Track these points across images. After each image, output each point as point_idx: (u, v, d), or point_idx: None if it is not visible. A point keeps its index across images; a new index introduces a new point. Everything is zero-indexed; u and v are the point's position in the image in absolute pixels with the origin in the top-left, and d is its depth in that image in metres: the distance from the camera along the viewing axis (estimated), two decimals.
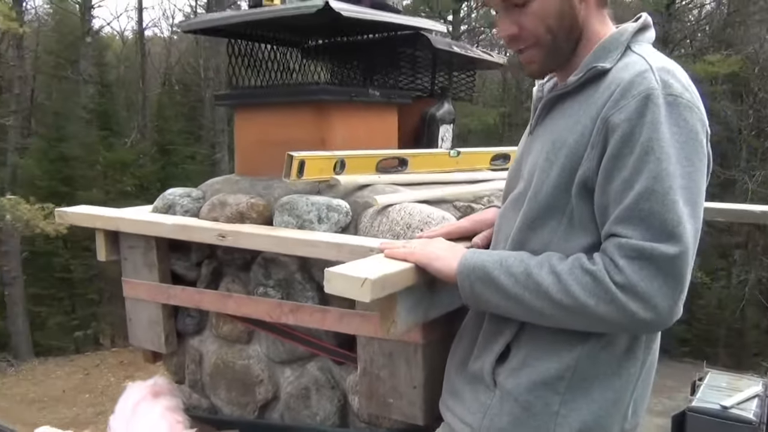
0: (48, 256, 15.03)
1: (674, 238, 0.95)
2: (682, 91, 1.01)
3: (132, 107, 21.88)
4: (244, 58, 2.02)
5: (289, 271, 1.77)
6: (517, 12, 1.12)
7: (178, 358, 2.08)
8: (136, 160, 18.19)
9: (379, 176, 1.84)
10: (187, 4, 23.40)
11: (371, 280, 1.14)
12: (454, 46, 2.17)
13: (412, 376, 1.52)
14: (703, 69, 17.09)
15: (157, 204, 2.02)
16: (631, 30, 1.11)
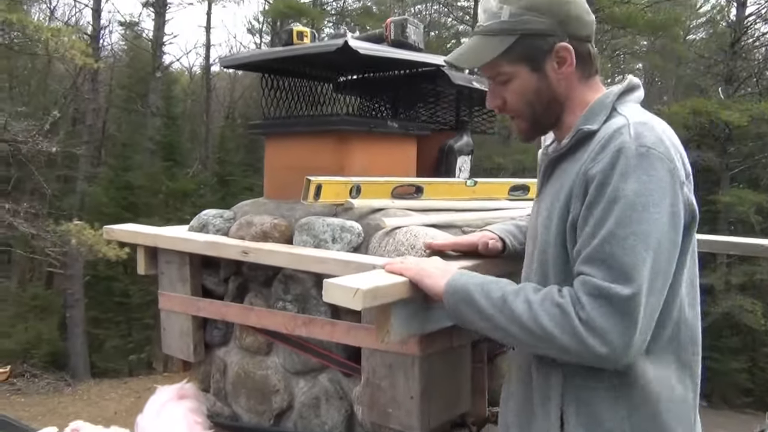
0: (108, 280, 15.67)
1: (629, 280, 1.04)
2: (655, 143, 1.10)
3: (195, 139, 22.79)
4: (276, 90, 2.20)
5: (305, 287, 1.90)
6: (501, 87, 1.28)
7: (205, 367, 2.23)
8: (197, 190, 18.85)
9: (393, 201, 1.97)
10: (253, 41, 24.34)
11: (363, 290, 1.26)
12: (475, 82, 2.30)
13: (409, 387, 1.62)
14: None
15: (193, 223, 2.20)
16: (616, 92, 1.23)
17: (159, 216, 17.37)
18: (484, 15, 1.26)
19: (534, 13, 1.20)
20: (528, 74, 1.24)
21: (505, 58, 1.24)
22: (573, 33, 1.22)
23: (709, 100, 18.14)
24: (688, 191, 1.14)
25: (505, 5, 1.22)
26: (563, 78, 1.25)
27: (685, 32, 22.74)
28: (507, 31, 1.22)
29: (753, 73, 20.43)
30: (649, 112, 1.22)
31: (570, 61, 1.23)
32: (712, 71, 20.86)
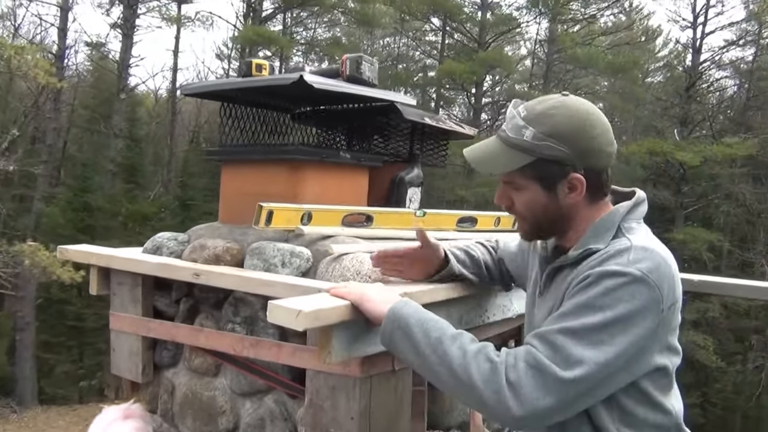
0: (62, 303, 15.33)
1: (570, 369, 1.12)
2: (650, 270, 1.16)
3: (158, 162, 22.62)
4: (234, 119, 2.28)
5: (254, 310, 1.96)
6: (512, 191, 1.36)
7: (153, 389, 2.25)
8: (157, 213, 18.65)
9: (343, 229, 2.05)
10: (221, 66, 24.40)
11: (305, 312, 1.33)
12: (426, 117, 2.40)
13: (350, 407, 1.68)
14: (721, 151, 17.34)
15: (147, 245, 2.24)
16: (623, 211, 1.31)
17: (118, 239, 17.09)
18: (509, 123, 1.31)
19: (555, 140, 1.25)
20: (539, 191, 1.31)
21: (520, 172, 1.31)
22: (589, 165, 1.28)
23: (665, 141, 18.80)
24: (668, 321, 1.20)
25: (530, 127, 1.27)
26: (571, 202, 1.31)
27: (643, 75, 23.60)
28: (527, 151, 1.27)
29: (706, 116, 21.26)
30: (651, 234, 1.31)
31: (580, 190, 1.29)
32: (668, 113, 21.65)
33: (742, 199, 19.27)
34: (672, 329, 1.24)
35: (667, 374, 1.27)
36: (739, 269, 19.42)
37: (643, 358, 1.19)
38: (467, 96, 23.09)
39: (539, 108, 1.29)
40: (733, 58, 21.18)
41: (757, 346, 17.88)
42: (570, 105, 1.29)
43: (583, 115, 1.28)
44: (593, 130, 1.28)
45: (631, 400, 1.23)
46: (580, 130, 1.27)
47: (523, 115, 1.29)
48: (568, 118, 1.27)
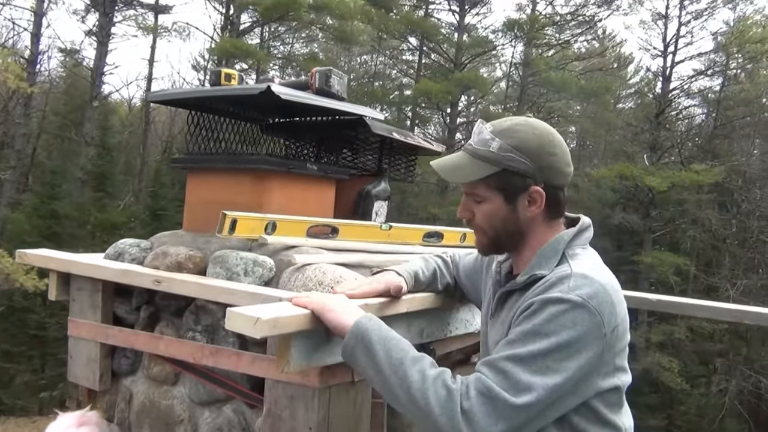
0: (24, 312, 14.95)
1: (520, 395, 1.16)
2: (589, 296, 1.21)
3: (130, 171, 22.34)
4: (201, 127, 2.28)
5: (215, 318, 1.95)
6: (474, 204, 1.41)
7: (110, 397, 2.22)
8: (127, 223, 18.37)
9: (307, 239, 2.06)
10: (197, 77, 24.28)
11: (263, 319, 1.33)
12: (394, 132, 2.43)
13: (308, 418, 1.68)
14: (689, 177, 17.70)
15: (109, 251, 2.22)
16: (567, 238, 1.37)
17: (84, 248, 16.80)
18: (476, 137, 1.38)
19: (520, 153, 1.33)
20: (500, 203, 1.37)
21: (483, 182, 1.37)
22: (549, 180, 1.35)
23: (635, 166, 19.14)
24: (613, 343, 1.24)
25: (497, 139, 1.34)
26: (530, 216, 1.38)
27: (615, 101, 24.06)
28: (492, 161, 1.34)
29: (675, 143, 21.70)
30: (595, 259, 1.36)
31: (539, 204, 1.36)
32: (638, 139, 22.05)
33: (708, 224, 19.66)
34: (618, 351, 1.29)
35: (618, 393, 1.31)
36: (704, 293, 19.75)
37: (590, 380, 1.23)
38: (442, 115, 23.29)
39: (506, 124, 1.38)
40: (701, 87, 21.72)
41: (720, 369, 18.16)
42: (534, 124, 1.38)
43: (545, 134, 1.37)
44: (554, 148, 1.36)
45: (582, 420, 1.26)
46: (544, 146, 1.35)
47: (490, 129, 1.37)
48: (533, 134, 1.35)
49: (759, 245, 19.52)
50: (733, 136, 21.44)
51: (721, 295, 18.45)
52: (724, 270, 19.64)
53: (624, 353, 1.32)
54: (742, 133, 21.34)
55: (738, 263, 19.73)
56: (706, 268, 20.44)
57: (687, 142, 22.88)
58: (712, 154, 20.52)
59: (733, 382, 17.20)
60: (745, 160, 20.38)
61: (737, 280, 18.56)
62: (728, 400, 17.10)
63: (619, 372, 1.30)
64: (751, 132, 21.38)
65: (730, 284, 18.46)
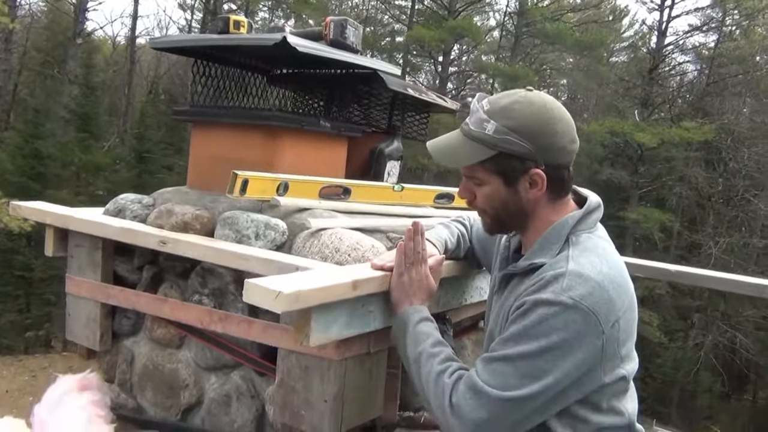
0: (9, 253, 14.78)
1: (507, 391, 1.17)
2: (583, 297, 1.16)
3: (115, 112, 21.87)
4: (207, 78, 2.14)
5: (224, 282, 1.86)
6: (474, 185, 1.34)
7: (111, 357, 2.15)
8: (112, 165, 18.10)
9: (320, 201, 1.96)
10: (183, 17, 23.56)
11: (285, 293, 1.25)
12: (409, 88, 2.31)
13: (324, 390, 1.62)
14: (679, 134, 17.66)
15: (108, 207, 2.11)
16: (572, 222, 1.29)
17: (69, 189, 16.56)
18: (472, 117, 1.28)
19: (517, 135, 1.23)
20: (500, 186, 1.30)
21: (481, 165, 1.29)
22: (550, 161, 1.26)
23: (626, 122, 19.04)
24: (616, 336, 1.19)
25: (492, 120, 1.24)
26: (532, 198, 1.30)
27: (608, 54, 23.75)
28: (488, 144, 1.25)
29: (667, 99, 21.57)
30: (599, 245, 1.28)
31: (541, 186, 1.28)
32: (630, 94, 21.87)
33: (695, 182, 19.73)
34: (624, 341, 1.23)
35: (624, 382, 1.27)
36: (686, 250, 20.03)
37: (593, 376, 1.20)
38: (434, 64, 22.92)
39: (503, 102, 1.27)
40: (696, 43, 21.46)
41: (698, 324, 18.53)
42: (534, 100, 1.27)
43: (545, 111, 1.26)
44: (555, 126, 1.26)
45: (584, 409, 1.25)
46: (543, 126, 1.25)
47: (486, 108, 1.27)
48: (531, 113, 1.25)
49: (743, 204, 19.67)
50: (725, 94, 21.30)
51: (703, 252, 18.70)
52: (707, 228, 19.81)
53: (630, 342, 1.27)
54: (734, 91, 21.20)
55: (722, 221, 19.90)
56: (690, 225, 20.62)
57: (678, 99, 22.76)
58: (702, 112, 20.44)
59: (709, 337, 17.57)
60: (734, 118, 20.32)
61: (720, 238, 18.75)
62: (704, 354, 17.51)
63: (625, 362, 1.25)
64: (743, 90, 21.25)
65: (713, 242, 18.66)
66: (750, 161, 19.42)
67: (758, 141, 19.74)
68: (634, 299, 1.27)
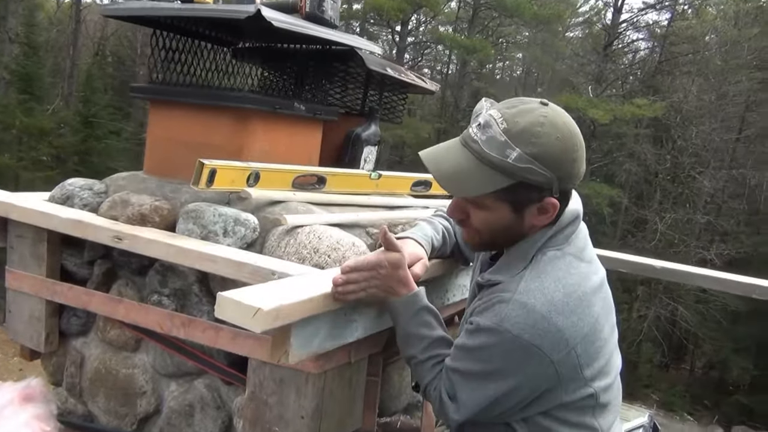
0: None
1: (458, 412, 1.18)
2: (523, 329, 1.08)
3: (59, 74, 20.85)
4: (168, 51, 1.91)
5: (186, 282, 1.68)
6: (473, 207, 1.20)
7: (57, 359, 1.95)
8: (56, 129, 17.30)
9: (294, 193, 1.79)
10: None
11: (264, 311, 1.09)
12: (389, 68, 2.14)
13: (300, 405, 1.48)
14: (630, 111, 17.91)
15: (54, 193, 1.89)
16: (541, 240, 1.19)
17: (11, 154, 15.78)
18: (484, 135, 1.11)
19: (540, 165, 1.09)
20: (506, 213, 1.17)
21: (492, 193, 1.13)
22: (565, 188, 1.14)
23: (580, 97, 19.18)
24: (573, 361, 1.11)
25: (516, 148, 1.08)
26: (536, 224, 1.18)
27: (564, 29, 23.83)
28: (507, 173, 1.09)
29: (619, 76, 21.81)
30: (561, 267, 1.16)
31: (551, 214, 1.16)
32: (584, 70, 22.05)
33: (644, 158, 20.09)
34: (587, 363, 1.13)
35: (592, 398, 1.17)
36: (633, 225, 20.48)
37: (551, 395, 1.14)
38: (392, 33, 22.56)
39: (523, 122, 1.10)
40: (649, 21, 21.67)
41: (642, 297, 19.03)
42: (556, 122, 1.11)
43: (568, 136, 1.11)
44: (576, 152, 1.13)
45: (549, 420, 1.19)
46: (566, 153, 1.11)
47: (503, 127, 1.10)
48: (556, 140, 1.10)
49: (689, 181, 20.14)
50: (675, 72, 21.65)
51: (649, 228, 19.16)
52: (654, 203, 20.27)
53: (600, 360, 1.16)
54: (684, 70, 21.55)
55: (667, 197, 20.37)
56: (638, 200, 21.05)
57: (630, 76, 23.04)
58: (653, 90, 20.74)
59: (652, 310, 18.08)
60: (684, 97, 20.68)
61: (666, 214, 19.21)
62: (647, 326, 18.05)
63: (595, 380, 1.16)
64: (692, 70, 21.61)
65: (659, 217, 19.10)
66: (697, 139, 19.84)
67: (705, 120, 20.17)
68: (602, 318, 1.16)
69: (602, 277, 1.23)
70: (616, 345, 1.26)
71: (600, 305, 1.16)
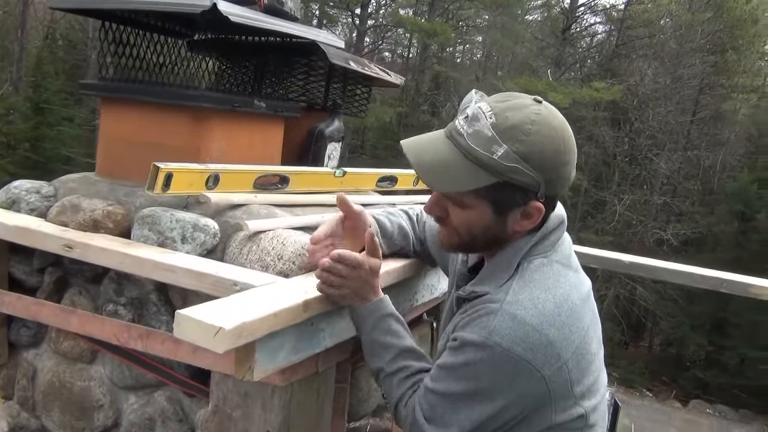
0: None
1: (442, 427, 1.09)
2: (514, 342, 1.01)
3: (7, 57, 20.10)
4: (119, 45, 1.81)
5: (144, 291, 1.60)
6: (452, 205, 1.13)
7: (8, 371, 1.85)
8: (5, 116, 16.72)
9: (256, 195, 1.71)
10: None
11: (226, 330, 1.03)
12: (352, 62, 2.07)
13: (267, 419, 1.42)
14: (589, 94, 18.10)
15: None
16: (526, 247, 1.12)
17: None
18: (470, 128, 1.05)
19: (528, 165, 1.02)
20: (488, 213, 1.10)
21: (474, 191, 1.07)
22: (552, 192, 1.08)
23: (539, 81, 19.30)
24: (563, 378, 1.05)
25: (504, 145, 1.02)
26: (518, 229, 1.12)
27: (523, 12, 23.92)
28: (491, 170, 1.03)
29: (578, 59, 22.02)
30: (550, 274, 1.10)
31: (535, 219, 1.10)
32: (543, 53, 22.20)
33: (602, 141, 20.38)
34: (578, 379, 1.08)
35: (583, 419, 1.12)
36: (593, 206, 20.81)
37: (540, 415, 1.08)
38: (352, 16, 22.32)
39: (513, 119, 1.04)
40: (606, 4, 21.91)
41: (602, 278, 19.38)
42: (549, 122, 1.05)
43: (560, 138, 1.05)
44: (567, 155, 1.07)
45: None
46: (557, 155, 1.05)
47: (491, 121, 1.04)
48: (548, 139, 1.04)
49: (646, 163, 20.50)
50: (632, 56, 21.95)
51: (608, 209, 19.49)
52: (612, 185, 20.61)
53: (588, 377, 1.11)
54: (641, 53, 21.86)
55: (626, 179, 20.74)
56: (597, 182, 21.38)
57: (588, 60, 23.28)
58: (611, 73, 20.99)
59: (612, 290, 18.43)
60: (640, 80, 21.00)
61: (624, 195, 19.56)
62: (606, 306, 18.41)
63: (584, 398, 1.11)
64: (648, 53, 21.94)
65: (618, 199, 19.45)
66: (653, 121, 20.19)
67: (661, 102, 20.53)
68: (591, 330, 1.10)
69: (589, 287, 1.17)
70: (603, 362, 1.20)
71: (589, 317, 1.11)
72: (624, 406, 1.65)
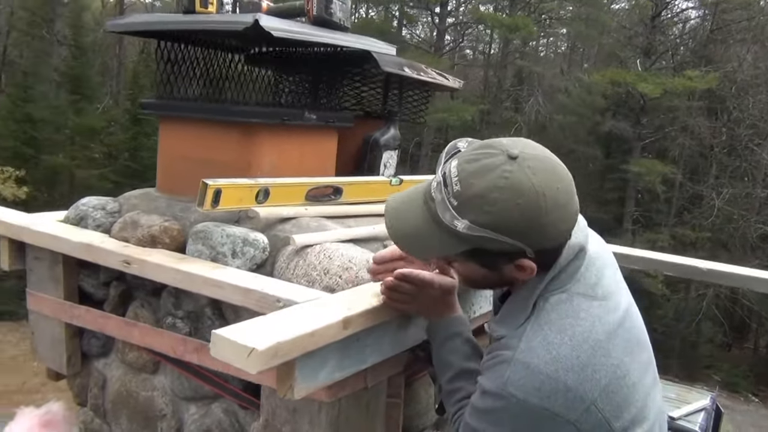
0: None
1: None
2: (528, 393, 0.98)
3: (107, 73, 21.38)
4: (174, 64, 1.86)
5: (199, 305, 1.64)
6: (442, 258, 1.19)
7: (81, 380, 1.94)
8: (106, 128, 17.77)
9: (306, 208, 1.72)
10: None
11: (259, 351, 1.03)
12: (406, 68, 2.04)
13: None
14: (682, 83, 17.26)
15: (69, 214, 1.87)
16: (541, 285, 1.06)
17: (64, 154, 16.26)
18: (439, 195, 1.00)
19: (498, 233, 0.97)
20: (478, 269, 1.10)
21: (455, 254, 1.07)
22: (542, 248, 1.02)
23: (628, 72, 18.59)
24: (595, 418, 0.99)
25: (464, 219, 0.97)
26: (520, 278, 1.08)
27: (609, 1, 23.07)
28: (462, 239, 1.00)
29: (669, 47, 21.01)
30: (568, 314, 1.03)
31: (530, 272, 1.04)
32: (632, 43, 21.33)
33: (697, 132, 19.38)
34: (616, 415, 1.01)
35: None
36: (689, 201, 19.81)
37: None
38: (431, 15, 22.26)
39: (477, 186, 0.97)
40: None
41: None
42: (520, 184, 0.96)
43: (533, 200, 0.96)
44: (546, 217, 0.97)
45: None
46: (530, 221, 0.97)
47: (455, 190, 0.98)
48: (516, 206, 0.96)
49: (747, 154, 19.33)
50: (729, 41, 20.71)
51: (705, 204, 18.51)
52: (710, 178, 19.56)
53: (631, 408, 1.03)
54: (738, 38, 20.59)
55: (724, 171, 19.63)
56: (693, 176, 20.34)
57: (681, 47, 22.17)
58: (705, 60, 19.91)
59: (711, 288, 17.48)
60: (738, 66, 19.79)
61: (723, 189, 18.52)
62: (705, 305, 17.49)
63: (630, 429, 1.04)
64: (747, 37, 20.62)
65: (716, 193, 18.43)
66: (754, 109, 19.02)
67: (762, 89, 19.32)
68: (625, 361, 1.03)
69: (623, 311, 1.08)
70: (655, 382, 1.13)
71: (621, 347, 1.03)
72: (727, 412, 1.55)
